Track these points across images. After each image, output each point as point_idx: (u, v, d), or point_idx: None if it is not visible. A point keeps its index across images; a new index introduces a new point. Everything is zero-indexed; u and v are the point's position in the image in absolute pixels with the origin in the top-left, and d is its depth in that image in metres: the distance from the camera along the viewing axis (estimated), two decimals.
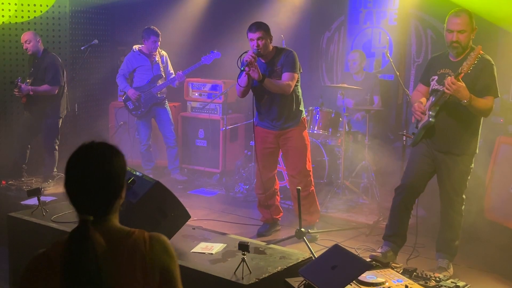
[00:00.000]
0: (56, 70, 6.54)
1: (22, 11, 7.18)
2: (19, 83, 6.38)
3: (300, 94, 5.16)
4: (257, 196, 5.43)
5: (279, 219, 5.44)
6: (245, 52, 4.86)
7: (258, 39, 4.85)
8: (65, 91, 6.80)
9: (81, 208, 1.98)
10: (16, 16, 7.13)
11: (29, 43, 6.50)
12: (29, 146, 6.83)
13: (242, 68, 4.81)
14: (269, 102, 5.04)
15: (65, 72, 6.77)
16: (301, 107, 5.18)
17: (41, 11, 7.30)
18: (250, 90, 5.12)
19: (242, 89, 5.04)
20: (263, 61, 5.02)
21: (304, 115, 5.23)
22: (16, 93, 6.43)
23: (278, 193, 5.43)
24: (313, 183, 5.23)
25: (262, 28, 4.89)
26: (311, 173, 5.19)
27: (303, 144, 5.14)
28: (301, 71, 5.10)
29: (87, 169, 1.98)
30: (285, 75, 4.93)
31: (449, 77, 3.99)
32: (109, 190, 2.01)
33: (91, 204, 1.98)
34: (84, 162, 1.99)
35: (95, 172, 1.98)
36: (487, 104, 4.04)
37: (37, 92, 6.50)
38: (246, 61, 4.77)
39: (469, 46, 4.14)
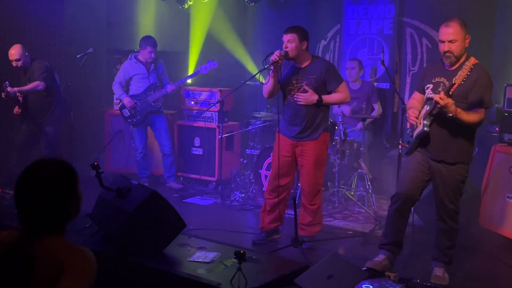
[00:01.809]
0: (41, 69, 6.42)
1: None
2: (7, 87, 6.24)
3: (328, 108, 5.15)
4: (265, 201, 5.31)
5: (278, 228, 5.40)
6: (272, 52, 4.86)
7: (288, 41, 4.87)
8: (62, 95, 6.75)
9: (23, 224, 2.02)
10: None
11: (19, 61, 6.41)
12: (28, 156, 6.76)
13: (266, 66, 4.84)
14: (296, 109, 4.99)
15: (57, 77, 6.69)
16: (325, 121, 5.09)
17: None
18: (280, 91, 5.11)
19: (268, 88, 5.02)
20: (295, 65, 5.02)
21: (328, 130, 5.12)
22: (4, 96, 6.33)
23: (287, 203, 5.37)
24: (321, 198, 5.21)
25: (294, 31, 4.89)
26: (321, 188, 5.14)
27: (319, 159, 5.04)
28: None
29: (31, 189, 2.02)
30: (340, 88, 4.97)
31: (438, 93, 4.00)
32: (51, 210, 2.03)
33: (33, 221, 2.01)
34: (29, 181, 2.03)
35: (38, 193, 2.01)
36: (476, 118, 4.05)
37: (24, 92, 6.37)
38: (272, 60, 4.79)
39: (464, 54, 4.15)
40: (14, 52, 6.40)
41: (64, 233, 2.11)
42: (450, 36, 4.06)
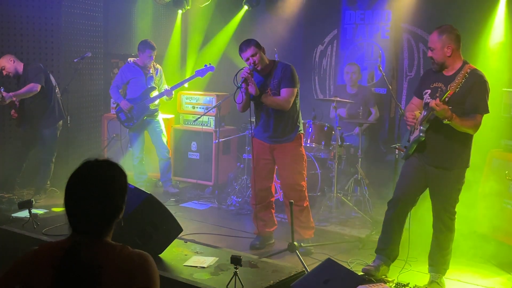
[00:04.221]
0: (35, 71, 6.38)
1: None
2: (2, 92, 6.18)
3: (298, 109, 5.13)
4: (251, 207, 5.39)
5: (273, 232, 5.41)
6: (241, 69, 4.85)
7: (252, 56, 4.84)
8: (58, 96, 6.72)
9: (77, 227, 1.96)
10: None
11: (3, 69, 6.37)
12: (25, 160, 6.73)
13: (238, 85, 4.80)
14: (267, 114, 5.03)
15: (52, 78, 6.66)
16: (299, 122, 5.13)
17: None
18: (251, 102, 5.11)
19: (241, 105, 5.03)
20: (259, 74, 5.01)
21: (302, 131, 5.18)
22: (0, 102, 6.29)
23: (273, 206, 5.41)
24: (307, 199, 5.21)
25: (251, 44, 4.87)
26: (305, 189, 5.14)
27: (298, 160, 5.08)
28: (299, 85, 5.05)
29: (87, 189, 1.95)
30: (284, 91, 4.90)
31: (435, 99, 4.02)
32: (107, 211, 1.99)
33: (88, 224, 1.96)
34: (85, 181, 1.97)
35: (95, 193, 1.95)
36: (471, 123, 4.06)
37: (19, 95, 6.32)
38: (243, 77, 4.76)
39: (456, 61, 4.16)
40: None
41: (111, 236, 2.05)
42: (429, 43, 4.24)
